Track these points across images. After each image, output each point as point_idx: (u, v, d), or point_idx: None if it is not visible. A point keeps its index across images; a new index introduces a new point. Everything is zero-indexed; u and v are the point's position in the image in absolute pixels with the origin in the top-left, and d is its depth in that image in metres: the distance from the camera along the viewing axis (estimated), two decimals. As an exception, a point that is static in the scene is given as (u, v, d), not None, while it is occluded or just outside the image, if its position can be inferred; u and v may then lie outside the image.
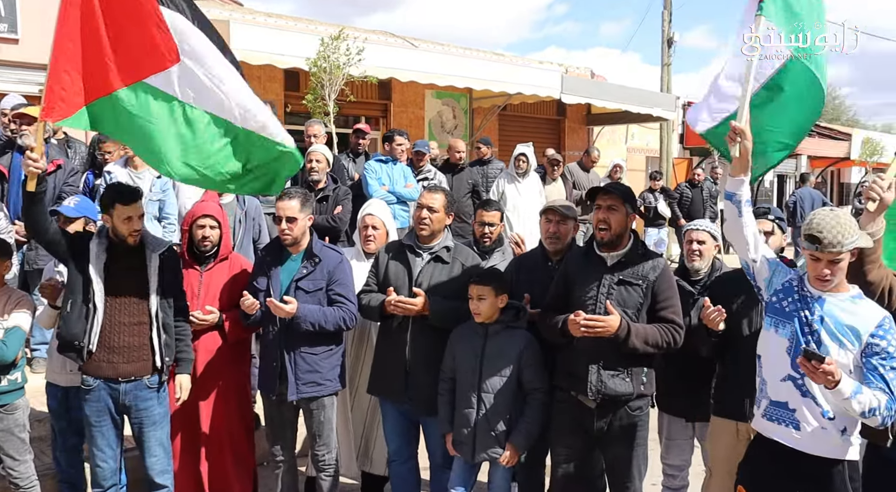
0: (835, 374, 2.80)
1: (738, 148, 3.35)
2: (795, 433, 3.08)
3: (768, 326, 3.21)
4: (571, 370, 3.82)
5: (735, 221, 3.35)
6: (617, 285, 3.73)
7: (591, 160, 10.90)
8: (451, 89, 12.70)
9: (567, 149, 15.88)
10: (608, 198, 3.76)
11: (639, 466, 3.89)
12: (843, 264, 3.02)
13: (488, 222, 4.83)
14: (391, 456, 4.49)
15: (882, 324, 2.99)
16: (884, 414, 2.90)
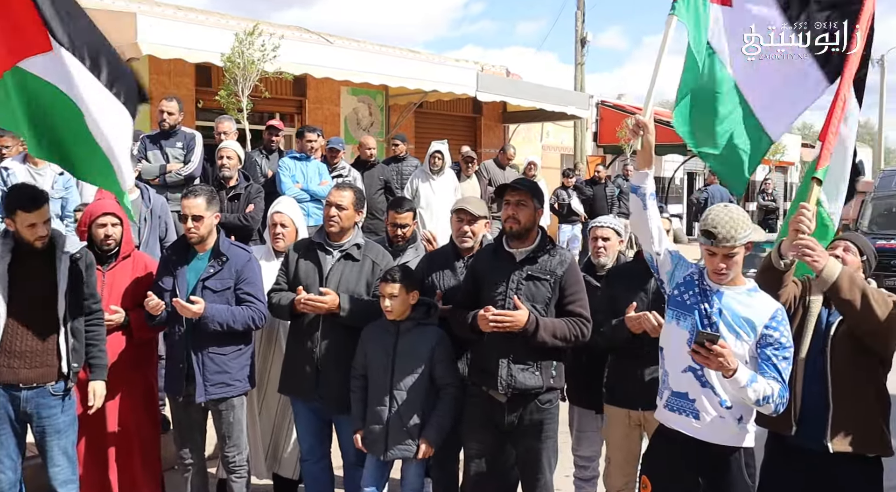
0: (728, 359, 2.91)
1: (641, 141, 3.45)
2: (695, 423, 3.18)
3: (670, 318, 3.31)
4: (482, 365, 3.87)
5: (640, 214, 3.44)
6: (525, 281, 3.79)
7: (506, 158, 11.03)
8: (366, 86, 12.67)
9: (483, 146, 16.03)
10: (516, 193, 3.81)
11: (549, 458, 3.96)
12: (738, 258, 3.13)
13: (400, 224, 4.84)
14: (303, 456, 4.46)
15: (775, 316, 3.13)
16: (776, 401, 3.05)
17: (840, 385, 3.38)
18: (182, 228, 4.30)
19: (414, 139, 14.13)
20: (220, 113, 8.68)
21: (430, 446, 4.00)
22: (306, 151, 7.81)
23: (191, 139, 6.76)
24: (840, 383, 3.38)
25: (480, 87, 12.85)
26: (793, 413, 3.41)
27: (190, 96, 11.27)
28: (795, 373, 3.40)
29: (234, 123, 7.42)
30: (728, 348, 2.94)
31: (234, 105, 8.96)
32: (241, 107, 8.94)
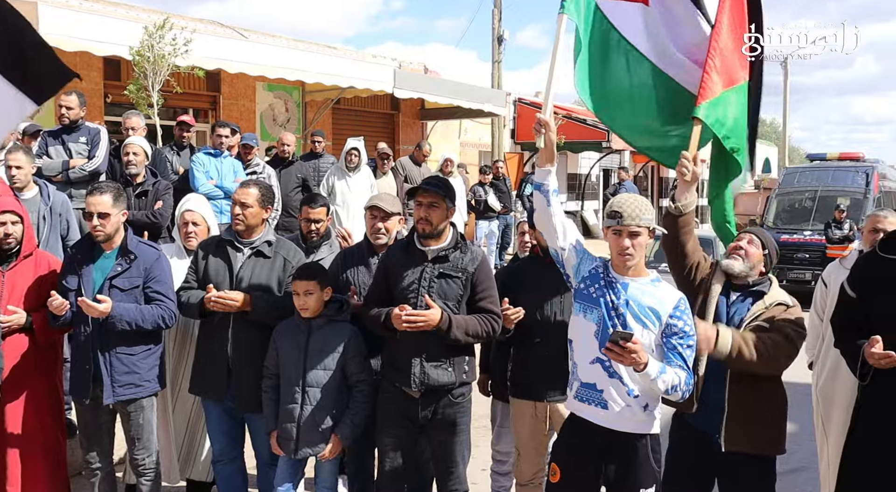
0: (640, 354, 3.02)
1: (543, 139, 3.52)
2: (604, 412, 3.28)
3: (577, 311, 3.39)
4: (395, 362, 3.89)
5: (544, 211, 3.51)
6: (437, 278, 3.82)
7: (422, 154, 11.07)
8: (282, 82, 12.52)
9: (401, 143, 16.05)
10: (428, 195, 3.83)
11: (462, 452, 4.01)
12: (642, 240, 3.25)
13: (314, 219, 4.81)
14: (216, 456, 4.40)
15: (678, 305, 3.26)
16: (683, 389, 3.20)
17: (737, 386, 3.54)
18: (87, 225, 4.18)
19: (331, 136, 14.06)
20: (130, 108, 8.46)
21: (339, 444, 4.00)
22: (219, 148, 7.67)
23: (95, 134, 6.56)
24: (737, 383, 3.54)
25: (398, 83, 12.85)
26: (695, 392, 3.53)
27: (98, 90, 10.94)
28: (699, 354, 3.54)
29: (142, 119, 7.23)
30: (640, 345, 3.04)
31: (144, 100, 8.74)
32: (152, 102, 8.72)
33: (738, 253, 3.65)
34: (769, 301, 3.60)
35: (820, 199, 16.77)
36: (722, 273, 3.67)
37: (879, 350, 3.22)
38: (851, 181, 17.06)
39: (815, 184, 17.26)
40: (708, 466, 3.65)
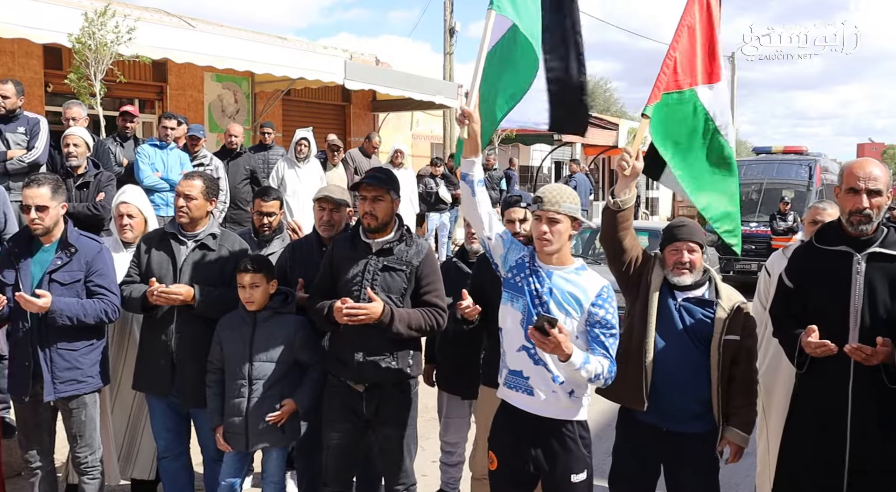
0: (564, 344, 3.04)
1: (467, 130, 3.53)
2: (531, 399, 3.32)
3: (505, 300, 3.43)
4: (339, 356, 3.86)
5: (469, 201, 3.54)
6: (381, 271, 3.80)
7: (372, 146, 11.02)
8: (230, 72, 12.34)
9: (352, 134, 15.95)
10: (372, 189, 3.81)
11: (409, 445, 4.00)
12: (562, 228, 3.29)
13: (266, 212, 4.76)
14: (161, 453, 4.33)
15: (601, 294, 3.30)
16: (606, 377, 3.25)
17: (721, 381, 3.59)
18: (25, 219, 4.07)
19: (282, 127, 13.91)
20: (72, 97, 8.25)
21: (293, 406, 3.95)
22: (165, 139, 7.53)
23: (35, 124, 6.38)
24: (721, 379, 3.59)
25: (348, 75, 12.74)
26: (644, 390, 3.58)
27: (38, 79, 10.65)
28: (645, 352, 3.59)
29: (83, 109, 7.05)
30: (565, 333, 3.06)
31: (86, 89, 8.53)
32: (94, 91, 8.52)
33: (684, 269, 3.64)
34: (728, 306, 3.62)
35: (765, 191, 17.14)
36: (661, 268, 3.70)
37: (815, 339, 3.30)
38: (795, 174, 17.46)
39: (760, 176, 17.63)
40: (655, 458, 3.70)
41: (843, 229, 3.48)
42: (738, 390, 3.62)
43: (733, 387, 3.61)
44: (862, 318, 3.37)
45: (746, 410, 3.64)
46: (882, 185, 3.37)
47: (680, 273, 3.64)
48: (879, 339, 3.24)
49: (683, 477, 3.65)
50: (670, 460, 3.67)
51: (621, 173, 3.57)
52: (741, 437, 3.60)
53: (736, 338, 3.59)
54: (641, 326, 3.64)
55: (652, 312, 3.63)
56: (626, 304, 3.79)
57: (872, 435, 3.38)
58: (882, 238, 3.42)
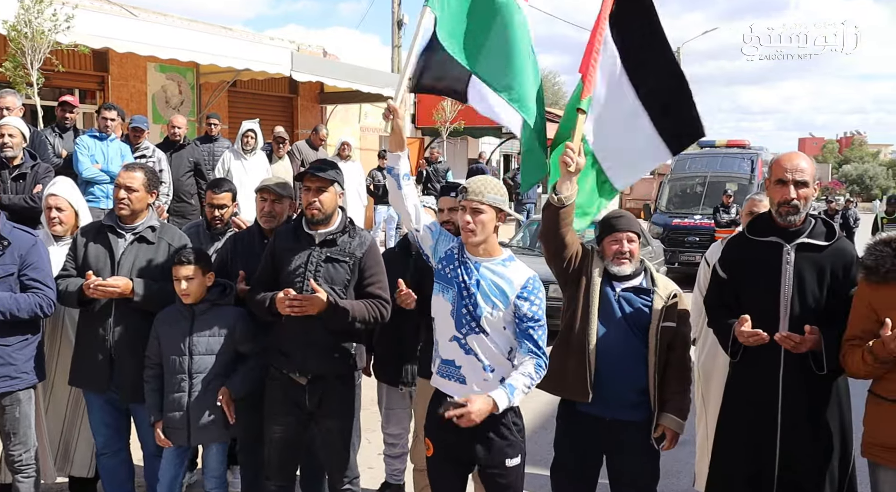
0: (481, 411, 3.10)
1: (391, 125, 3.56)
2: (463, 387, 3.35)
3: (436, 291, 3.45)
4: (282, 348, 3.84)
5: (396, 194, 3.57)
6: (324, 262, 3.79)
7: (319, 138, 10.95)
8: (174, 63, 12.14)
9: (300, 127, 15.82)
10: (315, 180, 3.80)
11: (352, 438, 4.00)
12: (485, 218, 3.31)
13: (218, 205, 4.70)
14: (100, 450, 4.26)
15: (526, 285, 3.33)
16: (536, 377, 3.29)
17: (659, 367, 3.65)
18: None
19: (228, 119, 13.72)
20: (7, 86, 8.03)
21: (227, 394, 3.92)
22: (105, 131, 7.38)
23: None
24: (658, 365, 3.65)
25: (295, 66, 12.63)
26: (588, 381, 3.61)
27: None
28: (588, 344, 3.63)
29: (18, 98, 6.87)
30: (472, 404, 3.10)
31: (22, 78, 8.32)
32: (31, 81, 8.31)
33: (624, 258, 3.69)
34: (664, 294, 3.68)
35: (709, 184, 17.49)
36: (599, 259, 3.74)
37: (748, 329, 3.38)
38: (738, 167, 17.86)
39: (704, 170, 17.99)
40: (597, 447, 3.74)
41: (773, 221, 3.57)
42: (673, 376, 3.70)
43: (669, 373, 3.68)
44: (792, 307, 3.47)
45: (681, 396, 3.71)
46: (808, 176, 3.47)
47: (620, 263, 3.69)
48: (807, 327, 3.34)
49: (625, 465, 3.71)
50: (612, 449, 3.72)
51: (564, 170, 3.57)
52: (676, 423, 3.67)
53: (672, 325, 3.66)
54: (584, 319, 3.67)
55: (594, 304, 3.66)
56: (564, 298, 3.81)
57: (802, 423, 3.48)
58: (810, 229, 3.53)
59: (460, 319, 3.33)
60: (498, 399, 3.16)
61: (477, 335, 3.32)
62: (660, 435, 3.68)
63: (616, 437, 3.67)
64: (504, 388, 3.21)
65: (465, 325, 3.33)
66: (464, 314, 3.32)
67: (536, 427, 5.78)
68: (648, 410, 3.67)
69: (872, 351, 3.15)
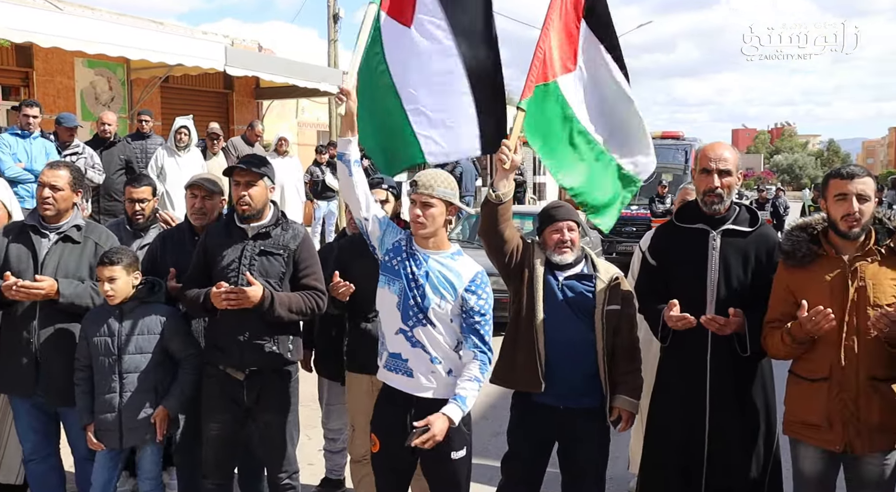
0: (440, 432, 3.14)
1: (344, 107, 3.54)
2: (411, 380, 3.36)
3: (382, 283, 3.44)
4: (218, 343, 3.80)
5: (346, 181, 3.54)
6: (259, 256, 3.76)
7: (254, 134, 10.81)
8: (103, 58, 11.81)
9: (236, 123, 15.59)
10: (245, 174, 3.76)
11: (290, 432, 3.97)
12: (435, 212, 3.32)
13: (138, 199, 4.61)
14: (28, 455, 4.13)
15: (475, 279, 3.36)
16: (483, 379, 3.34)
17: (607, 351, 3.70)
18: None
19: (160, 115, 13.46)
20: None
21: (166, 414, 3.87)
22: (27, 129, 7.18)
23: None
24: (608, 354, 3.70)
25: (230, 61, 12.40)
26: (540, 372, 3.64)
27: None
28: (536, 335, 3.66)
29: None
30: (434, 425, 3.14)
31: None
32: (-51, 77, 8.03)
33: (565, 247, 3.73)
34: (606, 278, 3.74)
35: (645, 175, 17.78)
36: (540, 251, 3.78)
37: (676, 313, 3.47)
38: (672, 158, 18.22)
39: (640, 161, 18.26)
40: (551, 436, 3.78)
41: (699, 208, 3.67)
42: (622, 357, 3.75)
43: (617, 355, 3.74)
44: (718, 291, 3.57)
45: (632, 376, 3.77)
46: (731, 166, 3.58)
47: (562, 252, 3.73)
48: (731, 310, 3.45)
49: (579, 452, 3.74)
50: (565, 437, 3.76)
51: (500, 167, 3.60)
52: (631, 403, 3.74)
53: (617, 307, 3.72)
54: (529, 310, 3.69)
55: (538, 296, 3.69)
56: (509, 292, 3.84)
57: (729, 402, 3.59)
58: (735, 216, 3.65)
59: (407, 311, 3.33)
60: (452, 415, 3.21)
61: (424, 327, 3.33)
62: (616, 417, 3.74)
63: (570, 425, 3.70)
64: (456, 400, 3.24)
65: (412, 317, 3.33)
66: (411, 306, 3.33)
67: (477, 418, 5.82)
68: (601, 395, 3.72)
69: (790, 332, 3.26)
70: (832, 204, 3.27)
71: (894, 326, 3.08)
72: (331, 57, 17.77)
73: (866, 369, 3.22)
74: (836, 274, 3.26)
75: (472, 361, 3.32)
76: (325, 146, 13.74)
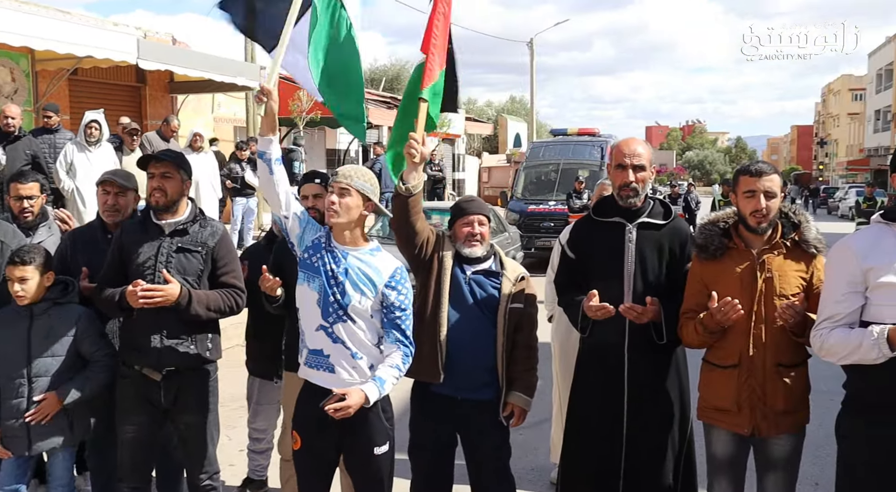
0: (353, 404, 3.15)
1: (265, 107, 3.51)
2: (332, 376, 3.35)
3: (302, 280, 3.43)
4: (134, 343, 3.71)
5: (267, 179, 3.50)
6: (176, 253, 3.69)
7: (170, 129, 10.55)
8: (5, 48, 11.31)
9: (149, 117, 15.15)
10: (160, 165, 3.69)
11: (211, 432, 3.91)
12: (351, 202, 3.33)
13: (26, 196, 4.41)
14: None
15: (394, 275, 3.38)
16: (403, 368, 3.36)
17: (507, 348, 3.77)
18: None
19: (69, 109, 12.99)
20: None
21: (54, 400, 3.70)
22: None
23: None
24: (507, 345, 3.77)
25: (142, 54, 12.03)
26: (440, 363, 3.69)
27: None
28: (440, 326, 3.70)
29: None
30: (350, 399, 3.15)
31: None
32: None
33: (475, 240, 3.78)
34: (513, 277, 3.82)
35: (562, 171, 18.14)
36: (451, 244, 3.82)
37: (595, 303, 3.56)
38: (589, 155, 18.61)
39: (557, 157, 18.64)
40: (451, 427, 3.84)
41: (616, 203, 3.78)
42: (520, 355, 3.84)
43: (516, 353, 3.83)
44: (634, 282, 3.69)
45: (528, 374, 3.88)
46: (645, 161, 3.71)
47: (472, 245, 3.79)
48: (648, 298, 3.57)
49: (477, 442, 3.82)
50: (465, 428, 3.82)
51: (410, 159, 3.62)
52: (524, 400, 3.83)
53: (520, 306, 3.81)
54: (435, 302, 3.74)
55: (445, 288, 3.74)
56: (417, 284, 3.86)
57: (646, 389, 3.71)
58: (649, 209, 3.77)
59: (327, 307, 3.32)
60: (369, 392, 3.21)
61: (345, 324, 3.32)
62: (508, 413, 3.81)
63: (467, 416, 3.77)
64: (374, 381, 3.25)
65: (333, 313, 3.32)
66: (331, 303, 3.31)
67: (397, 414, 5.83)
68: (497, 389, 3.79)
69: (703, 322, 3.39)
70: (742, 200, 3.41)
71: (799, 317, 3.24)
72: (248, 51, 17.43)
73: (773, 355, 3.37)
74: (746, 266, 3.40)
75: (395, 352, 3.35)
76: (245, 142, 13.51)
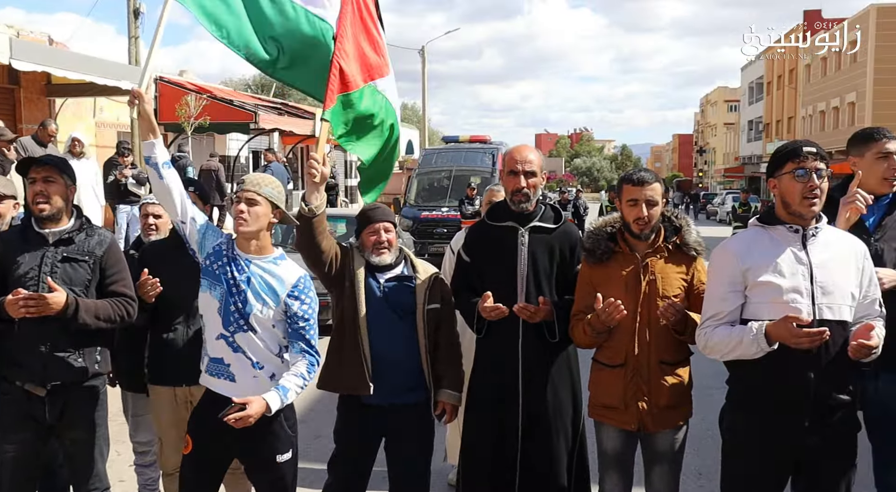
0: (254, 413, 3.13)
1: (137, 110, 3.44)
2: (233, 385, 3.33)
3: (204, 288, 3.38)
4: (16, 358, 3.52)
5: (159, 184, 3.43)
6: (61, 263, 3.55)
7: (47, 134, 10.10)
8: None
9: (25, 122, 14.43)
10: (43, 169, 3.56)
11: (100, 447, 3.78)
12: (260, 210, 3.32)
13: None
14: None
15: (297, 284, 3.38)
16: (308, 377, 3.35)
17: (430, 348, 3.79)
18: None
19: (-65, 112, 12.23)
20: None
21: None
22: None
23: None
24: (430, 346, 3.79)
25: (15, 54, 11.44)
26: (367, 375, 3.66)
27: None
28: (361, 338, 3.68)
29: None
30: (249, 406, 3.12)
31: None
32: None
33: (383, 248, 3.77)
34: (425, 278, 3.84)
35: (455, 177, 18.41)
36: (360, 255, 3.80)
37: (490, 304, 3.67)
38: (480, 161, 18.97)
39: (450, 164, 18.91)
40: (378, 433, 3.82)
41: (509, 208, 3.91)
42: (444, 353, 3.87)
43: (439, 352, 3.86)
44: (527, 283, 3.82)
45: (454, 370, 3.91)
46: (536, 167, 3.86)
47: (380, 253, 3.77)
48: (541, 298, 3.73)
49: (403, 447, 3.81)
50: (391, 433, 3.81)
51: (310, 180, 3.59)
52: (454, 396, 3.87)
53: (437, 306, 3.85)
54: (353, 315, 3.70)
55: (360, 300, 3.71)
56: (332, 299, 3.85)
57: (540, 386, 3.85)
58: (541, 214, 3.93)
59: (228, 316, 3.28)
60: (271, 401, 3.18)
61: (245, 333, 3.30)
62: (440, 411, 3.85)
63: (396, 421, 3.77)
64: (277, 390, 3.22)
65: (234, 323, 3.29)
66: (232, 312, 3.28)
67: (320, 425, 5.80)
68: (425, 390, 3.82)
69: (590, 323, 3.54)
70: (625, 207, 3.59)
71: (679, 315, 3.43)
72: (132, 54, 16.91)
73: (657, 354, 3.54)
74: (630, 269, 3.57)
75: (300, 361, 3.33)
76: (129, 148, 13.05)
